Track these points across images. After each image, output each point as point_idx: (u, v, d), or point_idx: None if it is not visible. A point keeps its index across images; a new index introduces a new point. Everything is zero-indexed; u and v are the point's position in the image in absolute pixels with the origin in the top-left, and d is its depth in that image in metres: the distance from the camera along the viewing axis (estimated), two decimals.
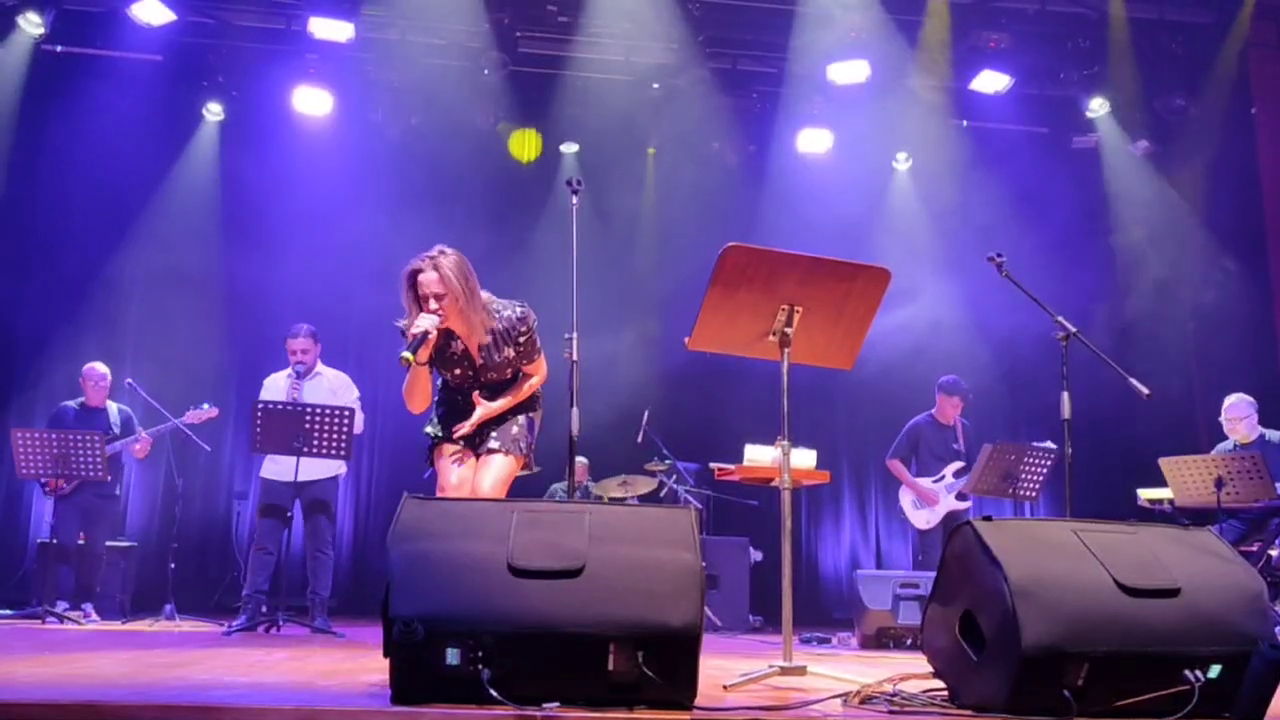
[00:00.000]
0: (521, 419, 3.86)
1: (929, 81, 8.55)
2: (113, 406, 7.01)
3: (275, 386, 6.23)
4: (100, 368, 6.96)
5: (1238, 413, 6.32)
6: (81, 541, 6.78)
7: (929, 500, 6.77)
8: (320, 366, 6.30)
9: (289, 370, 6.26)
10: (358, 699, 2.51)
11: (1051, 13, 8.40)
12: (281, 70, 8.33)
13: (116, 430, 6.89)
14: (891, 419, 7.81)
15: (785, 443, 3.30)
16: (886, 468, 7.13)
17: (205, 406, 6.72)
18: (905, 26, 8.25)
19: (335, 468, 6.14)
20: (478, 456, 3.82)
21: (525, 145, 8.95)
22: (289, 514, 6.01)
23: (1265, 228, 8.37)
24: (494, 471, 3.74)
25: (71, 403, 6.99)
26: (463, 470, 3.77)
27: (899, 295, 7.30)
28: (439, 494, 3.73)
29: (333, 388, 6.20)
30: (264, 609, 5.92)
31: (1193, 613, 2.41)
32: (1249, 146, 8.49)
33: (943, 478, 6.81)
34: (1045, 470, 6.07)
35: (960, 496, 6.70)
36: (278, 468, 6.02)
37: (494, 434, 3.80)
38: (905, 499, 6.93)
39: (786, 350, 3.28)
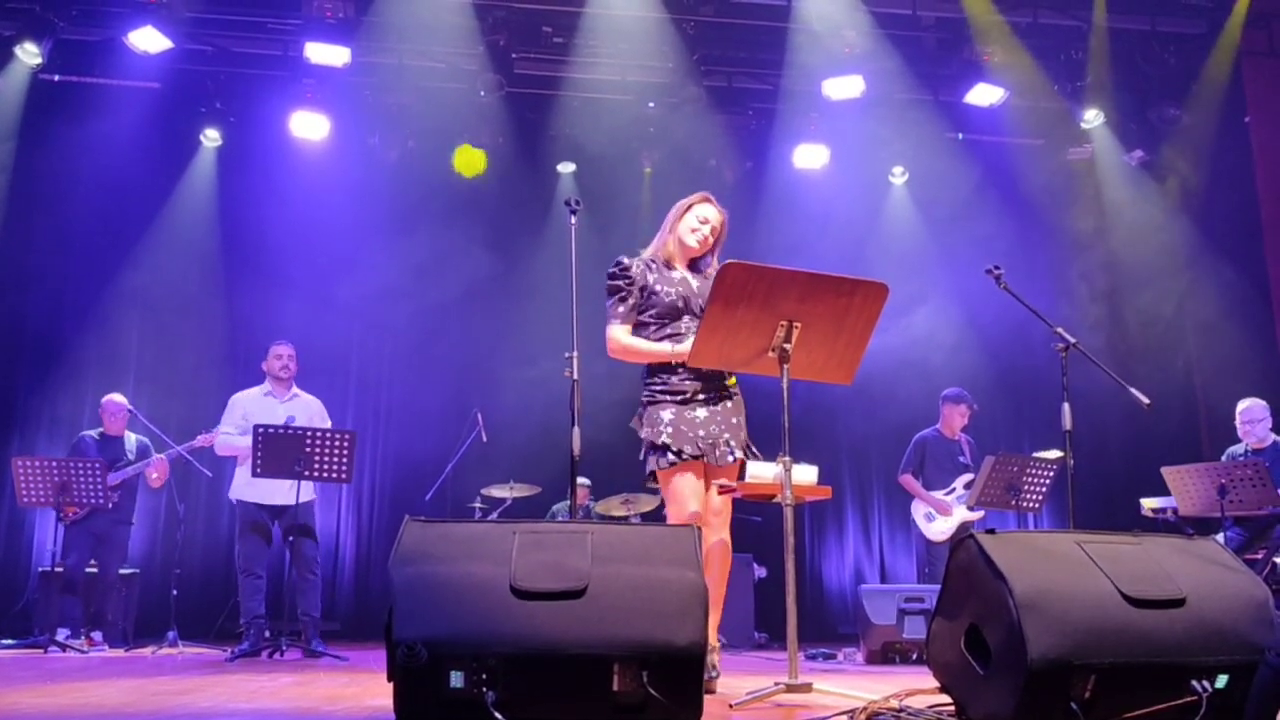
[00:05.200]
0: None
1: (925, 95, 8.59)
2: (130, 437, 7.13)
3: (251, 402, 6.23)
4: (118, 399, 7.09)
5: (1253, 416, 6.32)
6: (93, 570, 6.81)
7: (944, 511, 6.76)
8: (295, 389, 6.33)
9: (264, 387, 6.27)
10: None
11: (1044, 25, 8.43)
12: (279, 95, 8.36)
13: (131, 459, 6.99)
14: (892, 433, 7.78)
15: (787, 459, 3.30)
16: (897, 484, 7.12)
17: (201, 436, 6.74)
18: (899, 41, 8.29)
19: (312, 491, 6.13)
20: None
21: (470, 162, 8.89)
22: (271, 535, 6.03)
23: (1262, 234, 8.38)
24: None
25: (91, 433, 7.14)
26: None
27: (898, 309, 7.29)
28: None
29: (310, 413, 6.24)
30: (267, 634, 5.91)
31: (1199, 623, 2.40)
32: (1243, 154, 8.52)
33: (953, 490, 6.80)
34: (1048, 481, 6.06)
35: (971, 507, 6.70)
36: (255, 491, 6.01)
37: None
38: (918, 512, 6.91)
39: (786, 366, 3.29)
